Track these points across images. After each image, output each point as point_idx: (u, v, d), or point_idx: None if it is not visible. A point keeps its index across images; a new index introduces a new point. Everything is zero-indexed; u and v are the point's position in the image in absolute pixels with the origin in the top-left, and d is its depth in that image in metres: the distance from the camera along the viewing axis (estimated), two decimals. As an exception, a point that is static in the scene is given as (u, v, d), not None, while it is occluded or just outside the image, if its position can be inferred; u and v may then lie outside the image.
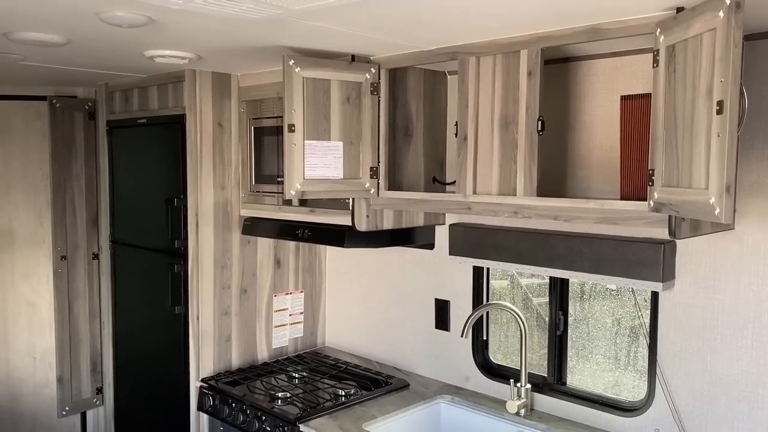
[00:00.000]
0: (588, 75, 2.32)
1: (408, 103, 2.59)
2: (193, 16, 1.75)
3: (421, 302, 2.92)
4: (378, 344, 3.13)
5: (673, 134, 1.62)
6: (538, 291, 2.76)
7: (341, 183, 2.36)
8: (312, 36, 2.08)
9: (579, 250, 2.27)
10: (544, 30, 1.96)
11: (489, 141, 2.14)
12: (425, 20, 1.85)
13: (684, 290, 2.14)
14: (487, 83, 2.13)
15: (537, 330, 2.65)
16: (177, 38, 2.10)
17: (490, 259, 2.52)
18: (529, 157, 2.02)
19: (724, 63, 1.40)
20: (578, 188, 2.36)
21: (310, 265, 3.26)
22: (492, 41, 2.09)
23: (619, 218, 1.85)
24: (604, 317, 2.44)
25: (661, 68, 1.68)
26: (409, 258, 2.95)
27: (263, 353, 3.10)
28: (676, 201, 1.60)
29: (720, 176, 1.41)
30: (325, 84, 2.30)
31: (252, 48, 2.27)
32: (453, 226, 2.64)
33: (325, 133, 2.31)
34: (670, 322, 2.18)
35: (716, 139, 1.42)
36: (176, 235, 2.83)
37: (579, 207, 1.93)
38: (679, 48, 1.59)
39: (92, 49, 2.28)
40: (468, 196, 2.19)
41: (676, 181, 1.61)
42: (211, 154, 2.83)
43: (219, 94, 2.84)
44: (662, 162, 1.68)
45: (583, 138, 2.34)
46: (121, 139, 3.21)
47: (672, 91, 1.63)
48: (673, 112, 1.62)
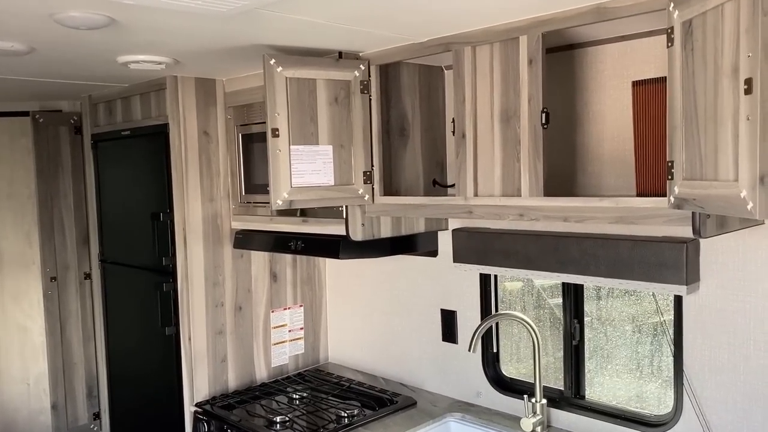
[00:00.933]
0: (595, 62, 2.14)
1: (402, 101, 2.42)
2: (157, 13, 1.59)
3: (427, 313, 2.74)
4: (383, 359, 2.95)
5: (693, 121, 1.44)
6: (553, 292, 2.57)
7: (333, 190, 2.19)
8: (294, 32, 1.91)
9: (593, 253, 2.08)
10: (545, 13, 1.78)
11: (489, 138, 1.96)
12: (413, 6, 1.68)
13: (710, 293, 1.95)
14: (485, 75, 1.95)
15: (552, 334, 2.46)
16: (147, 41, 1.94)
17: (497, 265, 2.34)
18: (533, 154, 1.84)
19: (752, 35, 1.21)
20: (589, 185, 2.18)
21: (308, 277, 3.09)
22: (488, 29, 1.92)
23: (636, 217, 1.66)
24: (623, 323, 2.25)
25: (677, 47, 1.49)
26: (412, 266, 2.78)
27: (262, 373, 2.94)
28: (700, 196, 1.42)
29: (752, 166, 1.22)
30: (310, 84, 2.13)
31: (231, 48, 2.12)
32: (456, 232, 2.46)
33: (313, 137, 2.15)
34: (696, 328, 1.98)
35: (746, 123, 1.23)
36: (164, 252, 2.67)
37: (591, 206, 1.74)
38: (697, 23, 1.41)
39: (59, 58, 2.13)
40: (469, 199, 2.02)
41: (700, 173, 1.42)
42: (197, 165, 2.67)
43: (204, 101, 2.69)
44: (682, 153, 1.49)
45: (593, 131, 2.16)
46: (106, 152, 3.06)
47: (690, 73, 1.44)
48: (693, 97, 1.43)
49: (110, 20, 1.66)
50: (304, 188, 2.13)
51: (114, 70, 2.38)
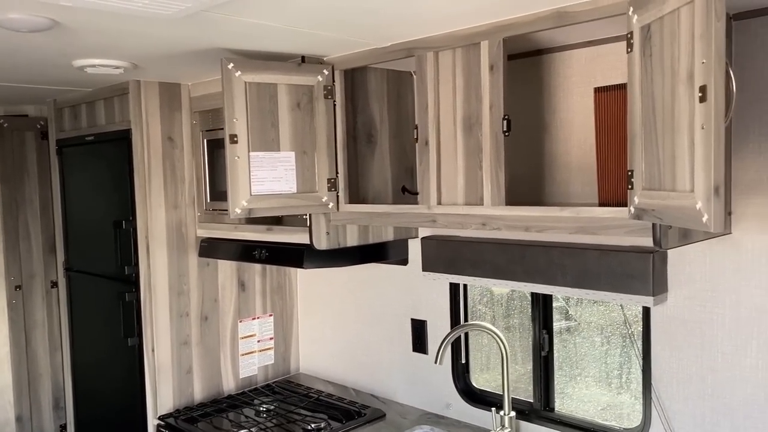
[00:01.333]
0: (562, 68, 2.10)
1: (370, 106, 2.37)
2: (100, 16, 1.53)
3: (398, 323, 2.69)
4: (354, 370, 2.89)
5: (652, 129, 1.39)
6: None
7: (295, 198, 2.14)
8: (250, 36, 1.86)
9: (560, 263, 2.03)
10: (505, 18, 1.74)
11: (452, 145, 1.91)
12: (368, 10, 1.63)
13: (678, 304, 1.90)
14: (448, 81, 1.90)
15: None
16: (99, 45, 1.88)
17: (465, 274, 2.29)
18: (495, 162, 1.79)
19: (705, 41, 1.17)
20: (558, 194, 2.13)
21: (279, 286, 3.03)
22: (450, 33, 1.87)
23: (597, 227, 1.61)
24: (592, 334, 2.20)
25: (636, 53, 1.45)
26: (383, 275, 2.72)
27: (230, 384, 2.87)
28: (658, 206, 1.37)
29: (707, 176, 1.17)
30: (271, 89, 2.07)
31: (190, 53, 2.06)
32: (425, 240, 2.41)
33: (274, 143, 2.09)
34: (664, 340, 1.94)
35: (700, 132, 1.19)
36: (126, 261, 2.60)
37: (552, 216, 1.69)
38: (655, 28, 1.36)
39: (11, 62, 2.06)
40: (432, 208, 1.96)
41: (658, 183, 1.37)
42: (161, 171, 2.61)
43: (168, 106, 2.62)
44: (642, 162, 1.45)
45: (560, 138, 2.12)
46: (71, 158, 2.99)
47: (649, 79, 1.40)
48: (652, 103, 1.39)
49: (53, 23, 1.59)
50: (264, 196, 2.07)
51: (72, 75, 2.31)
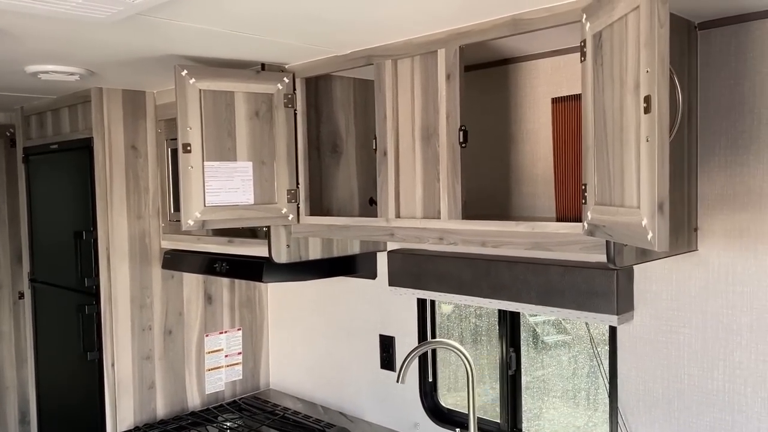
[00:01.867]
0: (528, 78, 2.03)
1: (335, 115, 2.31)
2: (36, 19, 1.47)
3: (366, 339, 2.61)
4: (323, 386, 2.81)
5: (603, 141, 1.32)
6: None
7: (252, 209, 2.07)
8: (201, 42, 1.80)
9: (524, 278, 1.96)
10: (462, 25, 1.67)
11: (411, 156, 1.84)
12: (312, 15, 1.57)
13: (644, 323, 1.83)
14: (406, 90, 1.84)
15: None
16: (44, 50, 1.82)
17: (431, 289, 2.22)
18: (452, 174, 1.73)
19: (650, 49, 1.10)
20: (524, 207, 2.06)
21: (248, 299, 2.96)
22: (408, 41, 1.81)
23: (552, 243, 1.54)
24: (559, 353, 2.13)
25: (589, 62, 1.38)
26: (351, 289, 2.65)
27: (195, 401, 2.79)
28: (609, 222, 1.30)
29: (651, 192, 1.11)
30: (227, 97, 2.01)
31: (144, 59, 2.00)
32: (391, 253, 2.34)
33: (230, 153, 2.02)
34: (630, 361, 1.86)
35: (645, 145, 1.12)
36: (87, 273, 2.53)
37: (508, 231, 1.62)
38: (606, 35, 1.30)
39: (-42, 67, 2.01)
40: (391, 221, 1.89)
41: (609, 198, 1.31)
42: (123, 181, 2.54)
43: (132, 114, 2.56)
44: (594, 176, 1.38)
45: (526, 150, 2.05)
46: (36, 167, 2.93)
47: (600, 89, 1.33)
48: (603, 115, 1.32)
49: (-11, 27, 1.54)
50: (219, 207, 2.01)
51: (25, 81, 2.25)
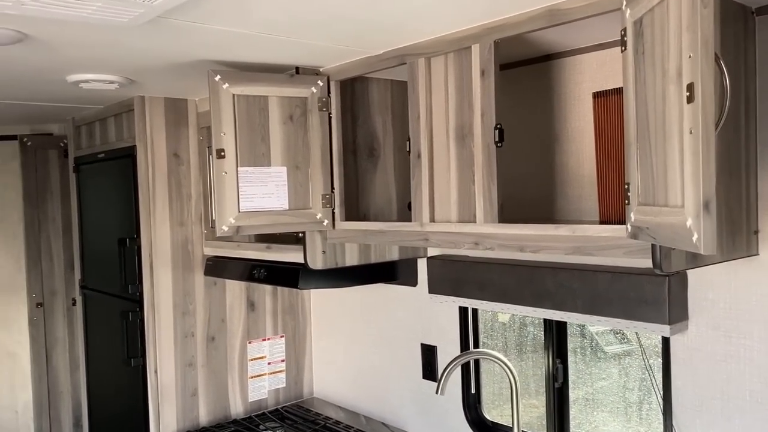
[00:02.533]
0: (573, 74, 1.93)
1: (372, 119, 2.25)
2: (62, 26, 1.48)
3: (408, 348, 2.54)
4: (365, 395, 2.75)
5: (646, 137, 1.22)
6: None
7: (287, 214, 2.03)
8: (232, 46, 1.78)
9: (569, 286, 1.86)
10: (495, 19, 1.59)
11: (445, 158, 1.77)
12: (341, 13, 1.52)
13: (701, 333, 1.69)
14: (440, 88, 1.77)
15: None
16: (78, 57, 1.83)
17: (472, 297, 2.13)
18: (487, 175, 1.64)
19: (692, 32, 1.00)
20: (570, 210, 1.95)
21: (291, 306, 2.93)
22: (441, 38, 1.74)
23: (593, 247, 1.44)
24: (609, 366, 2.00)
25: (629, 51, 1.28)
26: (393, 296, 2.58)
27: (237, 408, 2.78)
28: (652, 224, 1.20)
29: (695, 189, 1.00)
30: (261, 101, 1.99)
31: (178, 65, 1.99)
32: (431, 260, 2.27)
33: (264, 158, 2.00)
34: (686, 374, 1.73)
35: (688, 138, 1.02)
36: (131, 280, 2.56)
37: (547, 234, 1.53)
38: (647, 22, 1.20)
39: (6, 77, 2.05)
40: (425, 225, 1.82)
41: (652, 197, 1.20)
42: (166, 188, 2.56)
43: (174, 122, 2.58)
44: (637, 173, 1.27)
45: (572, 149, 1.94)
46: (85, 176, 2.99)
47: (642, 80, 1.23)
48: (645, 108, 1.22)
49: (22, 35, 1.55)
50: (253, 213, 1.98)
51: (67, 90, 2.29)
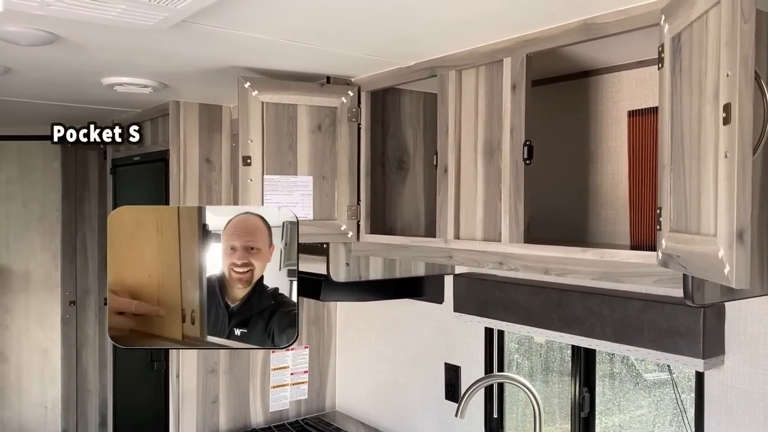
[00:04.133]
0: (610, 92, 1.86)
1: (402, 131, 2.22)
2: (92, 28, 1.48)
3: (431, 366, 2.48)
4: (386, 412, 2.70)
5: (680, 159, 1.15)
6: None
7: (311, 225, 2.00)
8: (261, 53, 1.77)
9: (599, 312, 1.77)
10: (530, 31, 1.54)
11: (473, 173, 1.72)
12: (369, 22, 1.49)
13: (738, 370, 1.59)
14: (470, 102, 1.72)
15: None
16: (109, 60, 1.85)
17: (497, 318, 2.06)
18: (514, 193, 1.58)
19: (731, 48, 0.93)
20: (603, 232, 1.87)
21: (316, 316, 2.90)
22: (473, 50, 1.69)
23: (622, 274, 1.37)
24: (638, 398, 1.91)
25: (666, 69, 1.22)
26: (418, 313, 2.53)
27: (258, 417, 2.75)
28: (683, 252, 1.12)
29: (729, 216, 0.93)
30: (290, 110, 1.97)
31: (209, 71, 2.00)
32: (457, 278, 2.21)
33: (291, 167, 1.98)
34: (720, 412, 1.63)
35: (723, 162, 0.95)
36: (157, 283, 2.56)
37: (574, 258, 1.46)
38: (685, 38, 1.13)
39: (40, 78, 2.08)
40: (449, 242, 1.77)
41: (684, 224, 1.13)
42: (196, 193, 2.57)
43: (207, 128, 2.59)
44: (670, 198, 1.20)
45: (607, 170, 1.87)
46: (122, 178, 3.03)
47: (678, 99, 1.16)
48: (680, 128, 1.15)
49: (53, 36, 1.57)
50: (277, 222, 1.96)
51: (102, 93, 2.32)
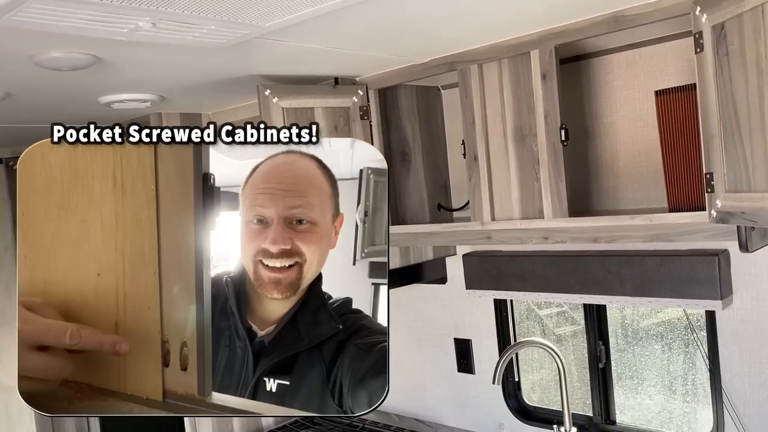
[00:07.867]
0: (603, 72, 2.05)
1: (402, 124, 2.31)
2: (146, 48, 1.46)
3: (440, 344, 2.61)
4: (396, 394, 2.80)
5: (735, 130, 1.34)
6: (557, 321, 2.48)
7: (338, 223, 2.06)
8: (287, 59, 1.80)
9: (618, 272, 1.98)
10: (558, 24, 1.69)
11: (503, 158, 1.86)
12: (419, 27, 1.58)
13: (746, 306, 1.85)
14: (494, 93, 1.85)
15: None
16: (132, 79, 1.82)
17: (514, 289, 2.23)
18: (554, 173, 1.74)
19: (804, 35, 1.12)
20: (606, 201, 2.08)
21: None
22: (495, 45, 1.82)
23: (673, 234, 1.56)
24: (651, 342, 2.15)
25: (708, 53, 1.40)
26: (420, 295, 2.65)
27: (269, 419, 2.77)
28: (750, 209, 1.32)
29: (816, 175, 1.13)
30: (308, 113, 2.01)
31: (221, 81, 1.99)
32: (467, 257, 2.35)
33: (314, 169, 2.02)
34: (733, 343, 1.88)
35: (803, 130, 1.15)
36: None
37: (623, 225, 1.64)
38: (731, 26, 1.32)
39: (37, 101, 1.99)
40: (486, 224, 1.90)
41: (747, 185, 1.33)
42: (188, 205, 2.52)
43: (190, 137, 2.55)
44: (723, 164, 1.40)
45: (605, 144, 2.07)
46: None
47: (727, 79, 1.35)
48: (733, 104, 1.34)
49: (95, 59, 1.53)
50: (308, 224, 2.00)
51: (95, 111, 2.21)
